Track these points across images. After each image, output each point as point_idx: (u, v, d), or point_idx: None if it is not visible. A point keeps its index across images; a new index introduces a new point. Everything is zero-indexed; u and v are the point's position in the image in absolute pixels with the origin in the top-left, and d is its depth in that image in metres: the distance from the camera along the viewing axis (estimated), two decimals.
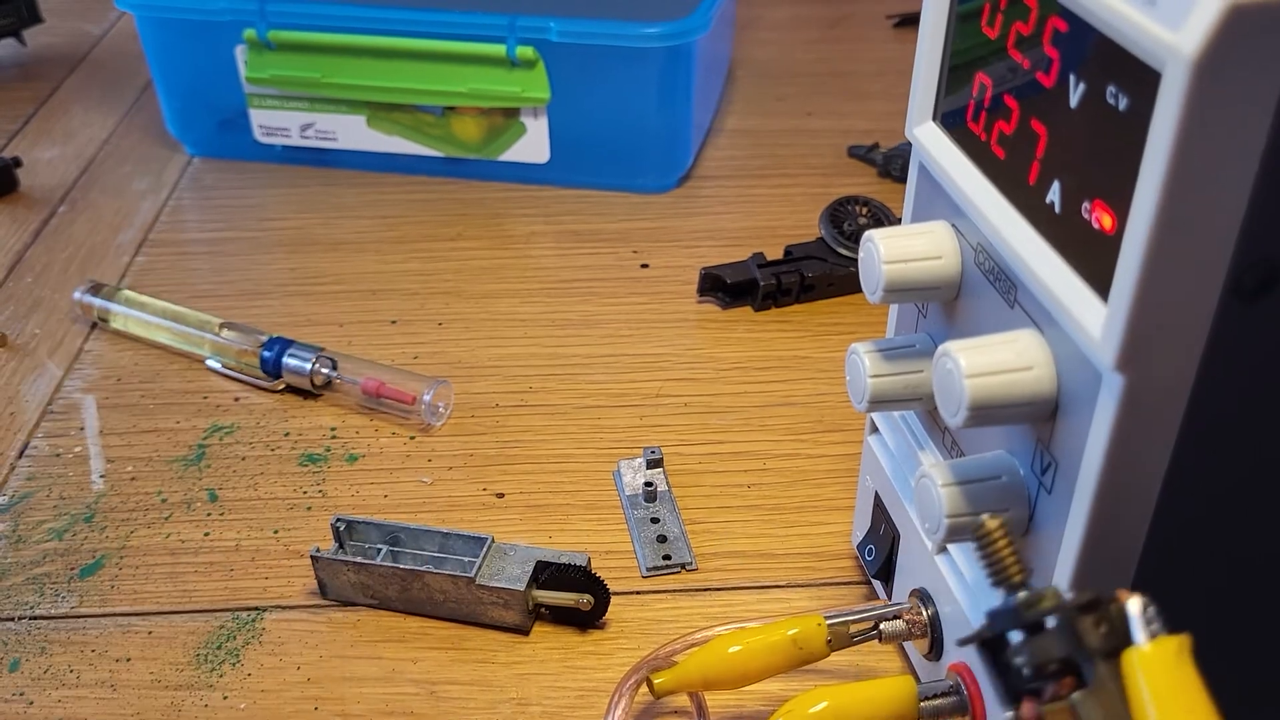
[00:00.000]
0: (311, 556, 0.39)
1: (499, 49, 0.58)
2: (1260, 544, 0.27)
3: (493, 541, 0.39)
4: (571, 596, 0.38)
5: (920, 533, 0.33)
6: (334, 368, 0.48)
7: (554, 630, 0.39)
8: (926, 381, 0.31)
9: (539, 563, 0.38)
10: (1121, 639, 0.23)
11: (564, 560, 0.38)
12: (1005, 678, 0.24)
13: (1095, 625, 0.23)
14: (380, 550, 0.39)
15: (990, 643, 0.25)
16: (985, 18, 0.28)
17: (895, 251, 0.30)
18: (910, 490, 0.34)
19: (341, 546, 0.39)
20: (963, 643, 0.26)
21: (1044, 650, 0.24)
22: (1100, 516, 0.25)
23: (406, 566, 0.38)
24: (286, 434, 0.47)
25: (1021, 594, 0.24)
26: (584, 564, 0.38)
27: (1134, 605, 0.23)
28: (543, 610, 0.38)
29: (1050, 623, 0.24)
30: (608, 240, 0.59)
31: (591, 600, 0.38)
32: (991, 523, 0.25)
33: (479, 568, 0.38)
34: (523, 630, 0.38)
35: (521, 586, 0.37)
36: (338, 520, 0.39)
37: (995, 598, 0.29)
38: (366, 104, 0.62)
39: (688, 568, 0.41)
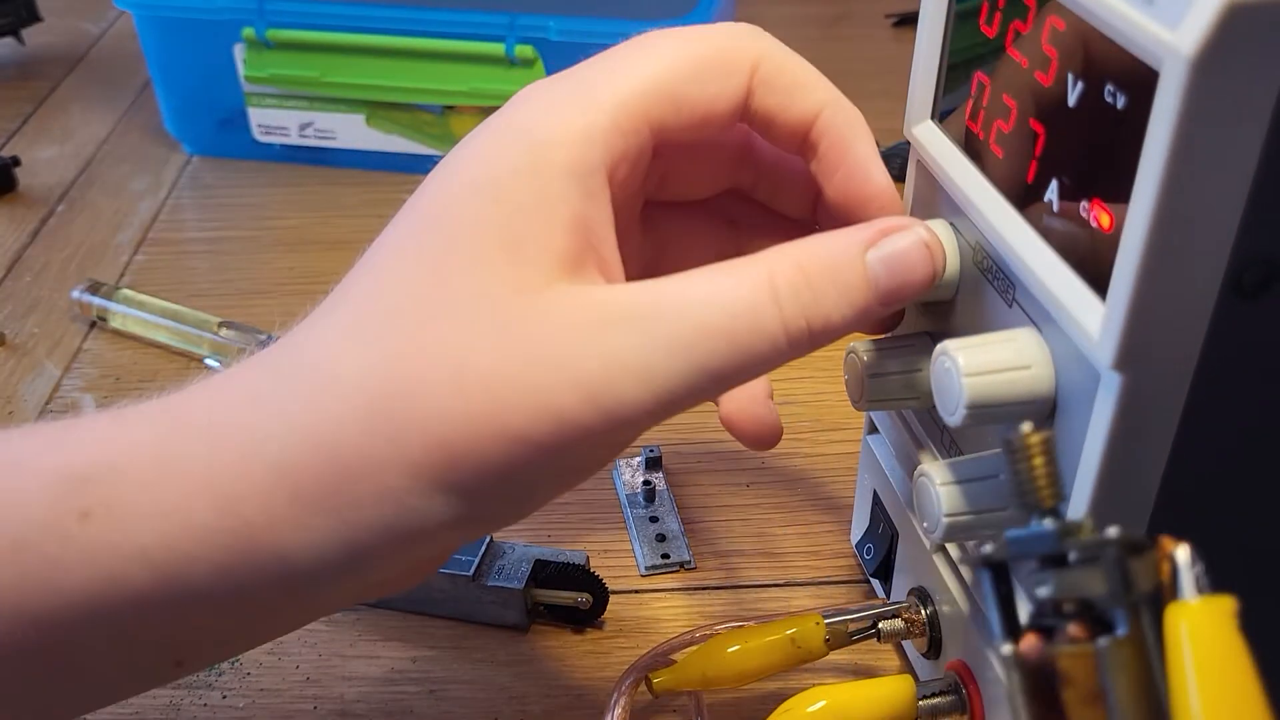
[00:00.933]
0: None
1: (498, 48, 0.58)
2: (1261, 542, 0.27)
3: (491, 540, 0.39)
4: (570, 595, 0.38)
5: (918, 531, 0.33)
6: None
7: (553, 629, 0.39)
8: (925, 380, 0.31)
9: (537, 561, 0.38)
10: (1164, 591, 0.21)
11: (562, 559, 0.38)
12: (1008, 608, 0.22)
13: (1147, 567, 0.21)
14: None
15: (999, 567, 0.22)
16: (983, 16, 0.28)
17: None
18: (908, 489, 0.34)
19: None
20: (973, 562, 0.23)
21: (1080, 585, 0.21)
22: (1098, 516, 0.25)
23: None
24: None
25: (1054, 520, 0.22)
26: (582, 563, 0.38)
27: (1183, 555, 0.21)
28: (541, 609, 0.38)
29: (1074, 556, 0.21)
30: None
31: (590, 599, 0.38)
32: (1034, 436, 0.22)
33: (477, 566, 0.38)
34: (521, 629, 0.38)
35: (520, 585, 0.37)
36: None
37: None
38: (365, 103, 0.62)
39: (686, 566, 0.41)
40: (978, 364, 0.26)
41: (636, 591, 0.40)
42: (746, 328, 0.26)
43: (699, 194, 0.32)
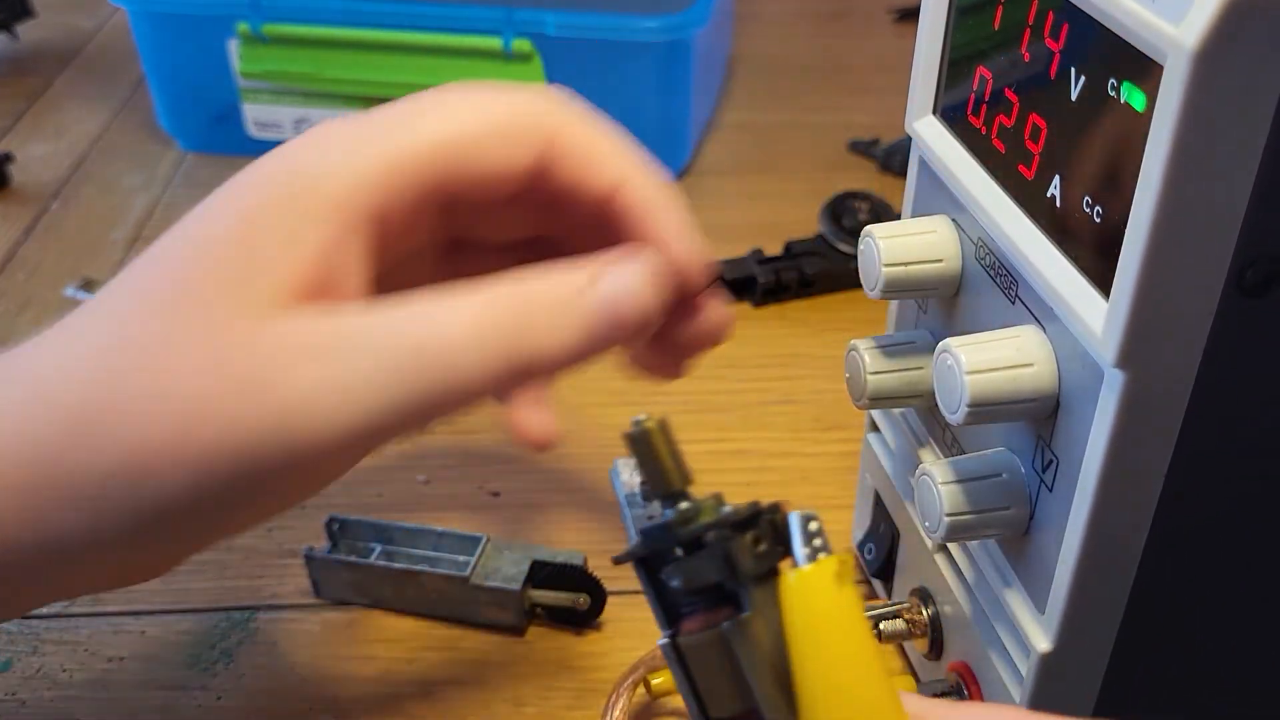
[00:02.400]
0: (305, 556, 0.39)
1: (495, 42, 0.58)
2: (1264, 541, 0.27)
3: (488, 541, 0.38)
4: (568, 596, 0.37)
5: (920, 531, 0.33)
6: None
7: (551, 630, 0.38)
8: (927, 378, 0.31)
9: (535, 562, 0.38)
10: (781, 559, 0.22)
11: (560, 560, 0.38)
12: (663, 599, 0.22)
13: (754, 543, 0.21)
14: (374, 549, 0.39)
15: (648, 561, 0.23)
16: (985, 10, 0.27)
17: (896, 253, 0.29)
18: (910, 488, 0.34)
19: (335, 546, 0.39)
20: (617, 560, 0.23)
21: (696, 571, 0.22)
22: (1102, 514, 0.25)
23: (401, 566, 0.38)
24: None
25: (681, 506, 0.22)
26: (580, 563, 0.38)
27: (795, 520, 0.22)
28: (538, 610, 0.38)
29: (709, 539, 0.22)
30: None
31: (588, 600, 0.37)
32: (651, 423, 0.23)
33: (474, 567, 0.37)
34: (518, 630, 0.38)
35: (517, 586, 0.37)
36: (331, 519, 0.39)
37: (994, 595, 0.29)
38: (361, 98, 0.61)
39: None
40: (980, 361, 0.26)
41: (636, 592, 0.40)
42: (452, 358, 0.25)
43: (506, 238, 0.32)
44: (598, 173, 0.29)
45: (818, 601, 0.21)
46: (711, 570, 0.21)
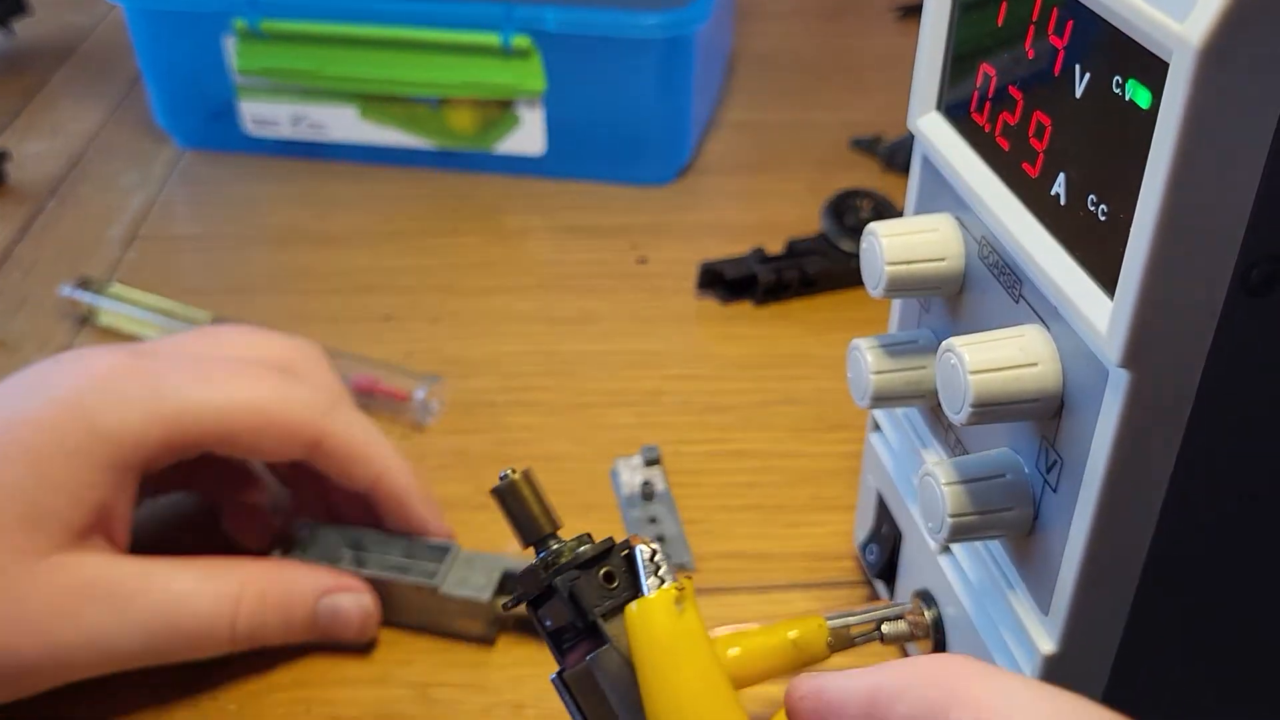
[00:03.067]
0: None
1: (494, 39, 0.57)
2: (1270, 542, 0.27)
3: (457, 550, 0.38)
4: None
5: (923, 532, 0.33)
6: None
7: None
8: (930, 378, 0.30)
9: (505, 572, 0.37)
10: (633, 591, 0.23)
11: None
12: (551, 638, 0.24)
13: (607, 580, 0.23)
14: (345, 556, 0.38)
15: (531, 602, 0.24)
16: (989, 7, 0.27)
17: (899, 252, 0.29)
18: (913, 489, 0.34)
19: (306, 551, 0.37)
20: (506, 608, 0.26)
21: (556, 611, 0.24)
22: (1107, 515, 0.25)
23: (369, 573, 0.37)
24: None
25: (551, 547, 0.24)
26: None
27: (642, 552, 0.23)
28: (510, 621, 0.37)
29: (556, 583, 0.24)
30: (605, 234, 0.58)
31: None
32: (516, 475, 0.25)
33: (442, 576, 0.37)
34: (488, 640, 0.37)
35: (486, 597, 0.36)
36: (302, 525, 0.38)
37: (998, 597, 0.29)
38: (359, 95, 0.61)
39: (686, 568, 0.40)
40: (984, 361, 0.25)
41: None
42: (203, 630, 0.34)
43: (273, 461, 0.38)
44: (358, 472, 0.37)
45: (656, 628, 0.23)
46: (564, 609, 0.24)
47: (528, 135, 0.61)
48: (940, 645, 0.32)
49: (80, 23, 0.81)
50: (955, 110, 0.29)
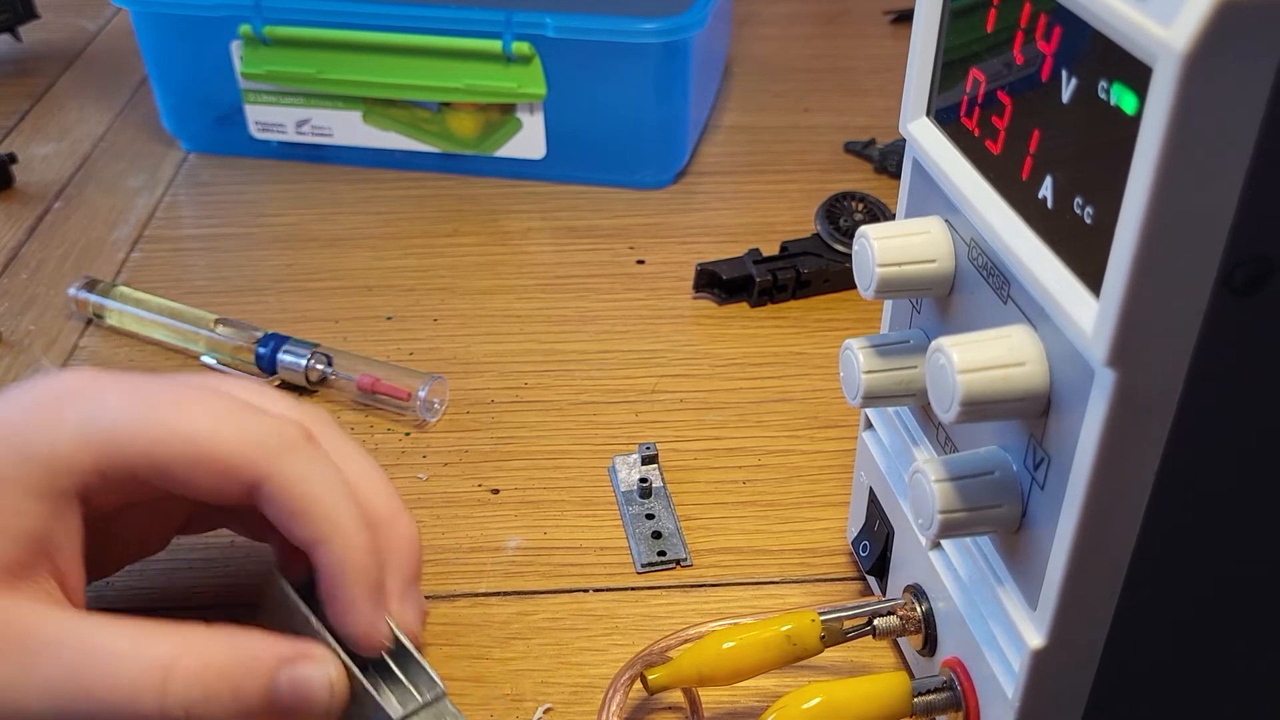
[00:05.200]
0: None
1: (495, 44, 0.58)
2: (1255, 540, 0.27)
3: (444, 703, 0.33)
4: None
5: (914, 528, 0.33)
6: (329, 364, 0.48)
7: (547, 627, 0.39)
8: (920, 377, 0.31)
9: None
10: None
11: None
12: None
13: None
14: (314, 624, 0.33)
15: None
16: (979, 13, 0.28)
17: (890, 254, 0.30)
18: (904, 486, 0.34)
19: (266, 615, 0.34)
20: None
21: None
22: (1093, 512, 0.25)
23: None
24: None
25: None
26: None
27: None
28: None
29: None
30: (603, 236, 0.59)
31: None
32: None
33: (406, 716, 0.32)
34: None
35: None
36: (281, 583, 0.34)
37: (987, 592, 0.29)
38: (362, 100, 0.62)
39: (682, 564, 0.41)
40: (972, 360, 0.26)
41: (632, 589, 0.40)
42: (123, 699, 0.28)
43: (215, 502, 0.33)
44: (298, 528, 0.31)
45: None
46: None
47: (528, 139, 0.61)
48: (931, 639, 0.33)
49: (87, 27, 0.81)
50: (945, 115, 0.30)
